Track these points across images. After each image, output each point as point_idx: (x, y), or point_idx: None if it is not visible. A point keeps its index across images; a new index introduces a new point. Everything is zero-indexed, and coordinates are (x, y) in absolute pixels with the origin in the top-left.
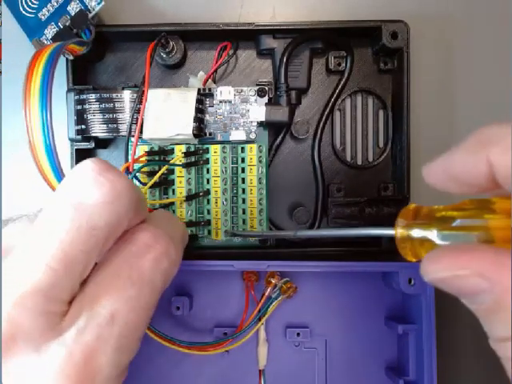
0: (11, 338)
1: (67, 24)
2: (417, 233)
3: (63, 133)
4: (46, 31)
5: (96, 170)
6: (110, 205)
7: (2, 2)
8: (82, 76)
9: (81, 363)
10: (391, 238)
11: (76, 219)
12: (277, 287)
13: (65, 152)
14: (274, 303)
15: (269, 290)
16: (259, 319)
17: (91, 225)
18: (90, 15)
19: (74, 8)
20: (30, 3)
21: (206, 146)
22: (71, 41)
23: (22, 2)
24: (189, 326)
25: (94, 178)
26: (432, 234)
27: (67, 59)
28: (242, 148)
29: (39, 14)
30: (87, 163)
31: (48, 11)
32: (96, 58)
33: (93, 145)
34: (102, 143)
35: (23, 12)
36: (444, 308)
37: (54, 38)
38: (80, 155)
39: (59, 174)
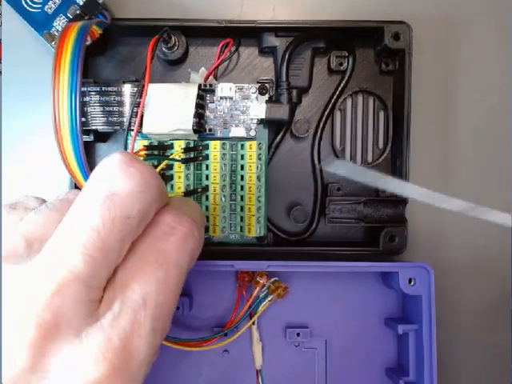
0: (55, 325)
1: (78, 13)
2: None
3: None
4: (54, 23)
5: (125, 162)
6: (141, 193)
7: (3, 2)
8: (84, 69)
9: (119, 347)
10: (390, 239)
11: (112, 209)
12: (265, 287)
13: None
14: (264, 303)
15: (257, 289)
16: (250, 318)
17: (126, 214)
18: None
19: None
20: None
21: (205, 142)
22: (95, 21)
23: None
24: (189, 326)
25: (125, 168)
26: None
27: None
28: (242, 145)
29: (45, 8)
30: (116, 156)
31: (54, 4)
32: (98, 51)
33: (92, 138)
34: (102, 137)
35: (27, 8)
36: (444, 308)
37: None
38: None
39: (81, 158)
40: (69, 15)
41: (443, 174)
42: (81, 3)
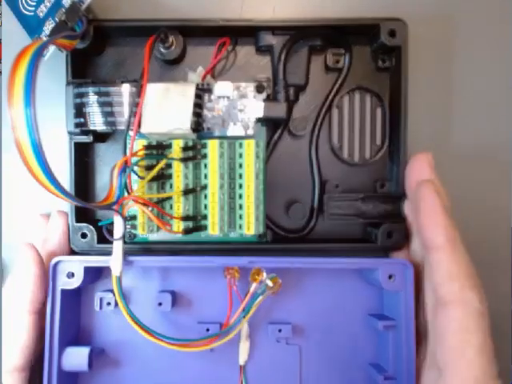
0: None
1: (63, 18)
2: None
3: (63, 128)
4: (44, 27)
5: None
6: None
7: (3, 2)
8: (82, 70)
9: None
10: (389, 235)
11: None
12: (262, 283)
13: (64, 146)
14: (258, 300)
15: (254, 286)
16: (243, 316)
17: None
18: (83, 6)
19: (68, 1)
20: (28, 1)
21: (203, 141)
22: (58, 36)
23: (21, 1)
24: (172, 322)
25: None
26: None
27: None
28: (240, 143)
29: (37, 11)
30: None
31: (45, 7)
32: (95, 52)
33: (91, 138)
34: (101, 137)
35: (23, 11)
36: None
37: (51, 34)
38: (79, 149)
39: (47, 170)
40: (56, 19)
41: (440, 171)
42: (66, 6)
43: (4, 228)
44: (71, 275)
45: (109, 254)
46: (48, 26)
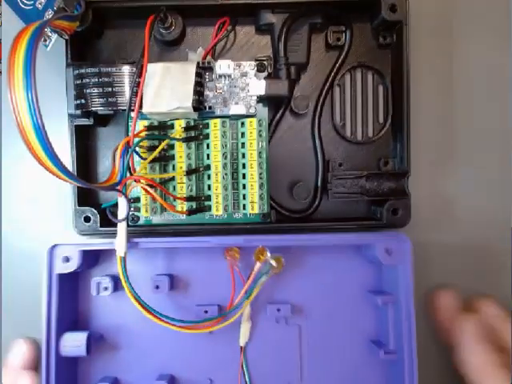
0: None
1: (61, 6)
2: None
3: (64, 111)
4: (43, 19)
5: None
6: None
7: (3, 2)
8: (81, 54)
9: None
10: (394, 212)
11: None
12: (266, 263)
13: (64, 129)
14: (261, 280)
15: (258, 265)
16: (247, 298)
17: None
18: None
19: None
20: None
21: (205, 120)
22: (55, 16)
23: None
24: (170, 305)
25: None
26: None
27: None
28: (242, 123)
29: (36, 4)
30: None
31: None
32: (94, 35)
33: (92, 121)
34: (102, 121)
35: (22, 6)
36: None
37: None
38: (80, 132)
39: (50, 153)
40: (55, 9)
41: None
42: None
43: (4, 227)
44: (67, 259)
45: (112, 236)
46: (47, 17)
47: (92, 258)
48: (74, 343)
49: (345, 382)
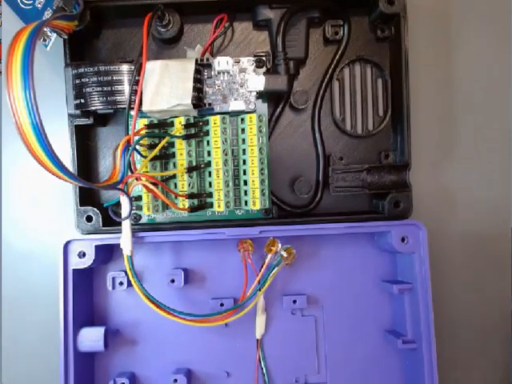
0: None
1: (60, 5)
2: None
3: (64, 111)
4: (43, 18)
5: None
6: None
7: (3, 2)
8: (80, 54)
9: None
10: (396, 205)
11: None
12: (277, 254)
13: (64, 129)
14: (273, 271)
15: (269, 257)
16: (259, 289)
17: None
18: None
19: None
20: None
21: (205, 117)
22: (53, 16)
23: None
24: (185, 299)
25: None
26: None
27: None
28: (242, 119)
29: (36, 3)
30: None
31: None
32: (92, 34)
33: (92, 121)
34: (101, 120)
35: (22, 6)
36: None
37: None
38: (80, 131)
39: (50, 153)
40: (54, 8)
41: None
42: None
43: (4, 228)
44: (82, 255)
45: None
46: (46, 17)
47: (106, 253)
48: (92, 339)
49: (362, 372)
